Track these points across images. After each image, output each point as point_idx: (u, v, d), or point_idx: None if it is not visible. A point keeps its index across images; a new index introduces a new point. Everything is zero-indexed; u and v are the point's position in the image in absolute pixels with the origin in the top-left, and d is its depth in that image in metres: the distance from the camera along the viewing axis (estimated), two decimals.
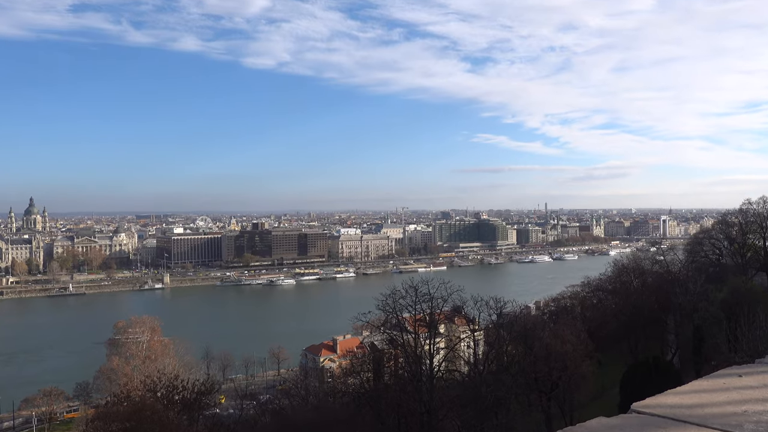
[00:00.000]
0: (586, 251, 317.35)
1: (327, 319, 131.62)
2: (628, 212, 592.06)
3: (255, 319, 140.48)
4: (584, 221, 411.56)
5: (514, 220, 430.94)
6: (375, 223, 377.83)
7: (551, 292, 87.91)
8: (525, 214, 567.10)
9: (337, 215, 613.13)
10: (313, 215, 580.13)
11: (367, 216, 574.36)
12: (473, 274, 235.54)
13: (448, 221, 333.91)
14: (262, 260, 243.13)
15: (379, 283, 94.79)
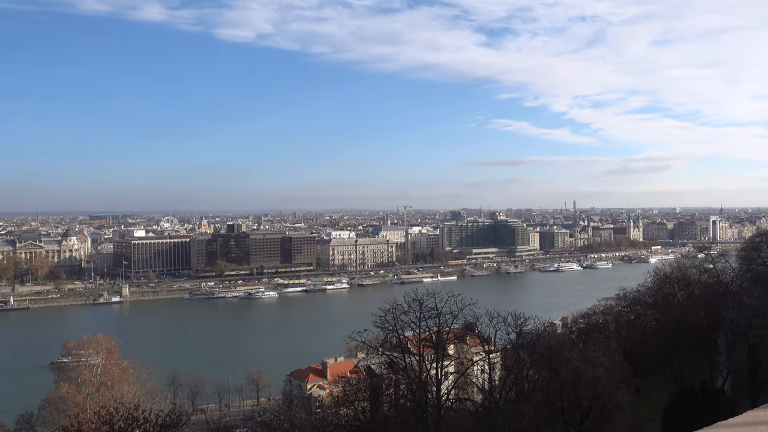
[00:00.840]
0: (622, 258, 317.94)
1: (315, 338, 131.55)
2: (671, 212, 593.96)
3: (230, 339, 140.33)
4: (619, 222, 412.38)
5: (537, 222, 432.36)
6: (372, 224, 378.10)
7: (580, 306, 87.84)
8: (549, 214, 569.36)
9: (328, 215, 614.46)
10: (299, 215, 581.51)
11: (363, 217, 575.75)
12: (488, 285, 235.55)
13: (459, 223, 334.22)
14: (239, 269, 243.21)
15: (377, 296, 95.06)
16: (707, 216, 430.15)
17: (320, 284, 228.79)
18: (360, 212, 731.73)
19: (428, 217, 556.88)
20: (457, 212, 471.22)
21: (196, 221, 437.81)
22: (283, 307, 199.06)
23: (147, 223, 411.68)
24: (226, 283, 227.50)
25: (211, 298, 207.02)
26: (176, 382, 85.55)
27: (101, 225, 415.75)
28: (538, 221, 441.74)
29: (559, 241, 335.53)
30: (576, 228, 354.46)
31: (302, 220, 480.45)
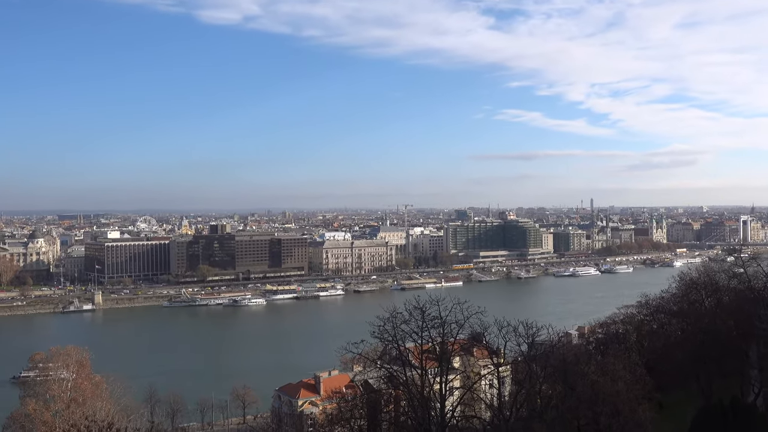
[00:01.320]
0: (644, 261, 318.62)
1: (307, 350, 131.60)
2: (697, 211, 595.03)
3: (214, 351, 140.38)
4: (641, 222, 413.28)
5: (551, 222, 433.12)
6: (369, 225, 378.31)
7: (598, 314, 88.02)
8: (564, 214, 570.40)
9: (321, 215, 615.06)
10: (289, 215, 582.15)
11: (360, 216, 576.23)
12: (497, 291, 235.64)
13: (465, 223, 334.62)
14: (223, 273, 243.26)
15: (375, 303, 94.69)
16: (737, 215, 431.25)
17: (312, 290, 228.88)
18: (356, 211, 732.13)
19: (431, 216, 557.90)
20: (462, 211, 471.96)
21: (175, 221, 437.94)
22: (271, 315, 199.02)
23: (122, 224, 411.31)
24: (209, 290, 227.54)
25: (192, 306, 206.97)
26: (154, 398, 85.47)
27: (71, 225, 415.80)
28: (551, 221, 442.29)
29: (575, 243, 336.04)
30: (593, 229, 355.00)
31: (293, 220, 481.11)
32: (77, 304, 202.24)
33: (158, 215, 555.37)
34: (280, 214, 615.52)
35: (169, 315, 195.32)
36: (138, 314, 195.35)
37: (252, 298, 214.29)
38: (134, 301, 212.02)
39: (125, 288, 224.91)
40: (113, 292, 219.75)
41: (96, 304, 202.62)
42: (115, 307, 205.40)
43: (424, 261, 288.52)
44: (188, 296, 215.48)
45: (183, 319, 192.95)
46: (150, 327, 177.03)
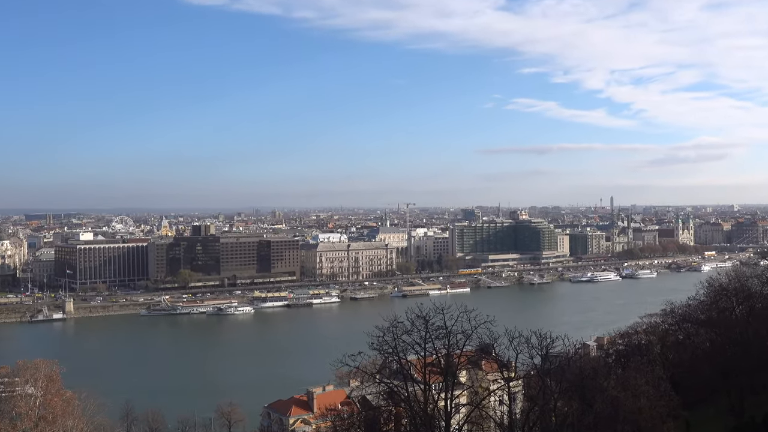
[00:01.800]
0: (669, 266, 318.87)
1: (299, 363, 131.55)
2: (727, 210, 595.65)
3: (196, 364, 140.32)
4: (666, 223, 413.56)
5: (567, 222, 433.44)
6: (368, 226, 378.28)
7: (619, 324, 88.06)
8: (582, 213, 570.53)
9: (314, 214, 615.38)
10: (280, 215, 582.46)
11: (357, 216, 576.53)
12: (508, 298, 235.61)
13: (472, 223, 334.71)
14: (207, 279, 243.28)
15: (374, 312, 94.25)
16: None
17: (305, 297, 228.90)
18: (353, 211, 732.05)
19: (435, 216, 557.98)
20: (470, 211, 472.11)
21: (154, 222, 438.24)
22: (260, 325, 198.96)
23: (95, 224, 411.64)
24: (192, 297, 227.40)
25: (173, 315, 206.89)
26: (131, 416, 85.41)
27: (40, 226, 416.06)
28: (567, 221, 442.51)
29: (594, 246, 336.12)
30: (613, 230, 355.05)
31: (283, 221, 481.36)
32: (46, 312, 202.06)
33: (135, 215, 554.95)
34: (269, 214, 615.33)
35: (147, 324, 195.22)
36: (113, 324, 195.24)
37: (238, 306, 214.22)
38: (109, 309, 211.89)
39: (99, 295, 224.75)
40: (86, 299, 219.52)
41: (67, 313, 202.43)
42: (88, 315, 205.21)
43: (427, 265, 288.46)
44: (168, 304, 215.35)
45: (163, 329, 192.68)
46: (126, 338, 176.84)
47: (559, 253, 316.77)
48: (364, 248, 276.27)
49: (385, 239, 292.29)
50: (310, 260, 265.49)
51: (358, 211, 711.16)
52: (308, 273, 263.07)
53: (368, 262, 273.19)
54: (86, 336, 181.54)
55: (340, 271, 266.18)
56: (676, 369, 52.45)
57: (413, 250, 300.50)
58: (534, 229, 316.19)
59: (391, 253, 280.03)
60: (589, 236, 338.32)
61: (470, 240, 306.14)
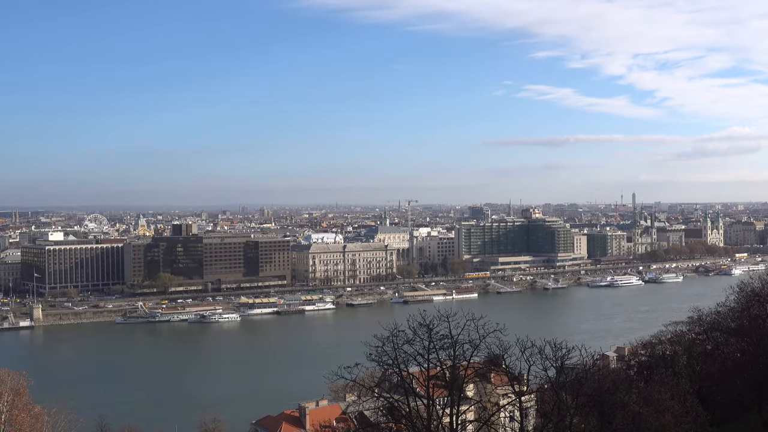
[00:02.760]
0: (696, 269, 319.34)
1: (290, 375, 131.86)
2: (761, 208, 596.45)
3: (177, 376, 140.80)
4: (693, 222, 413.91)
5: (584, 221, 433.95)
6: (366, 225, 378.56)
7: (641, 333, 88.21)
8: (601, 211, 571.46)
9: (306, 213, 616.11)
10: (269, 213, 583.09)
11: (354, 214, 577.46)
12: (520, 304, 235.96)
13: (481, 222, 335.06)
14: (188, 284, 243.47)
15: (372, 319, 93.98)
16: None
17: (296, 304, 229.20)
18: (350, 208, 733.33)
19: (440, 215, 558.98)
20: (478, 208, 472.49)
21: (131, 220, 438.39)
22: (247, 334, 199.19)
23: (66, 223, 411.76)
24: (172, 303, 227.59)
25: (151, 323, 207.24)
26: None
27: (5, 225, 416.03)
28: (585, 220, 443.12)
29: (614, 247, 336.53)
30: (635, 229, 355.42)
31: (272, 219, 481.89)
32: (12, 320, 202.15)
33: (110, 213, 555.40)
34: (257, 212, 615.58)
35: (123, 333, 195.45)
36: (86, 332, 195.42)
37: (223, 313, 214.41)
38: (81, 316, 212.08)
39: (70, 300, 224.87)
40: (56, 305, 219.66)
41: (35, 320, 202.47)
42: (58, 323, 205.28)
43: (431, 268, 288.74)
44: (146, 310, 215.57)
45: (140, 338, 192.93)
46: (100, 347, 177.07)
47: (576, 255, 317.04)
48: (361, 250, 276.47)
49: (385, 240, 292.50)
50: (302, 263, 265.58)
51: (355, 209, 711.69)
52: (300, 277, 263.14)
53: (366, 264, 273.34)
54: (56, 345, 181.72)
55: (335, 274, 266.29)
56: (704, 382, 52.47)
57: (415, 251, 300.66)
58: (548, 228, 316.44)
59: (391, 255, 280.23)
60: (608, 237, 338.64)
61: (478, 241, 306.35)
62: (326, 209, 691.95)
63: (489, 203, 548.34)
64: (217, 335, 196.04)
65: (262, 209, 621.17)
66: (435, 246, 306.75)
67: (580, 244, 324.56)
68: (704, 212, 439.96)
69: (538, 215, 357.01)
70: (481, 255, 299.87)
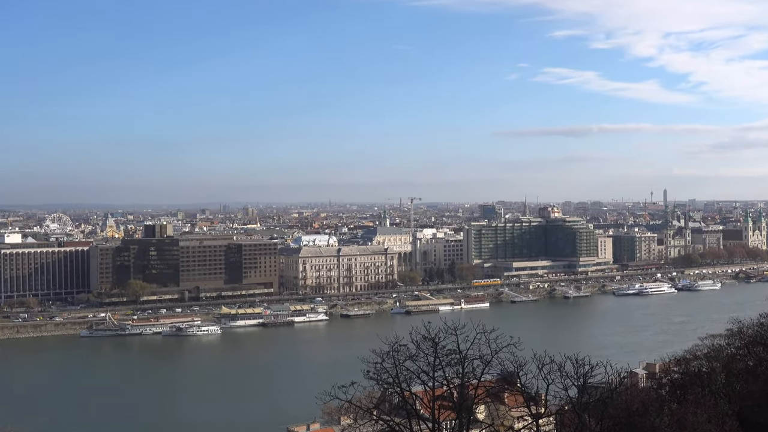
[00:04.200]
0: (736, 275, 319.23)
1: (278, 395, 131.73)
2: None
3: (150, 397, 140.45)
4: (732, 222, 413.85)
5: (609, 221, 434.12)
6: (363, 225, 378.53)
7: (674, 347, 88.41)
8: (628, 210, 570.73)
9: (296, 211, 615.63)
10: (253, 212, 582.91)
11: (350, 214, 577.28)
12: (536, 315, 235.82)
13: (493, 223, 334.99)
14: (163, 292, 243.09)
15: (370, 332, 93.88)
16: None
17: (285, 315, 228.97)
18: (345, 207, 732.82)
19: (447, 214, 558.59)
20: (489, 207, 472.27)
21: (97, 220, 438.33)
22: (229, 348, 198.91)
23: (24, 223, 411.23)
24: (145, 314, 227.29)
25: (120, 336, 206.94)
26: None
27: None
28: (610, 220, 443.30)
29: (643, 251, 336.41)
30: (667, 230, 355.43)
31: (258, 219, 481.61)
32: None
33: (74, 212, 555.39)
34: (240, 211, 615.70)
35: (89, 348, 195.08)
36: (47, 347, 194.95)
37: (202, 325, 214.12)
38: (41, 329, 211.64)
39: (29, 311, 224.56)
40: (11, 316, 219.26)
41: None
42: (15, 337, 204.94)
43: (436, 275, 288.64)
44: (115, 322, 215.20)
45: (108, 353, 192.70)
46: (63, 364, 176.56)
47: (600, 259, 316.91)
48: (358, 253, 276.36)
49: (384, 242, 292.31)
50: (291, 268, 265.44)
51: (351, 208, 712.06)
52: (289, 284, 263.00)
53: (363, 270, 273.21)
54: (12, 363, 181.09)
55: (329, 281, 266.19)
56: (745, 402, 52.38)
57: (419, 255, 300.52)
58: (568, 229, 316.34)
59: (391, 259, 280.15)
60: (637, 239, 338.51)
61: (490, 243, 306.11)
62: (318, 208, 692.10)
63: (502, 201, 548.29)
64: (196, 350, 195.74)
65: (246, 208, 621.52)
66: (441, 249, 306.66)
67: (605, 247, 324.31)
68: (745, 211, 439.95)
69: (558, 214, 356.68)
70: (493, 259, 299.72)
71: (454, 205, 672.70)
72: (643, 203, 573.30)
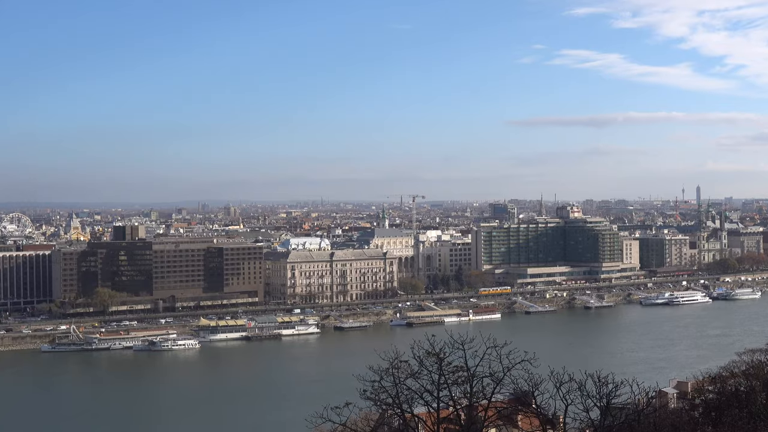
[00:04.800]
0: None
1: (264, 418, 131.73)
2: None
3: (119, 420, 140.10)
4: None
5: (636, 222, 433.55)
6: (359, 227, 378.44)
7: (709, 363, 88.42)
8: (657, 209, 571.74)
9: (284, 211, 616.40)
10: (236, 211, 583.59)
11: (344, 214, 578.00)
12: (554, 328, 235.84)
13: (504, 223, 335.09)
14: (134, 301, 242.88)
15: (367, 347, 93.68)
16: None
17: (271, 327, 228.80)
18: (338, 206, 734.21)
19: (453, 214, 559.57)
20: (500, 206, 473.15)
21: (61, 221, 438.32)
22: (209, 365, 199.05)
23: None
24: (113, 326, 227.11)
25: (87, 351, 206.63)
26: None
27: None
28: (637, 221, 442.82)
29: (673, 255, 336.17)
30: (701, 232, 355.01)
31: (241, 220, 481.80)
32: None
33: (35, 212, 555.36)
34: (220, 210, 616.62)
35: (50, 364, 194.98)
36: (2, 364, 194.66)
37: (178, 339, 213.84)
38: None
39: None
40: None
41: None
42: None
43: (441, 282, 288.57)
44: (80, 336, 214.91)
45: (72, 370, 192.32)
46: (21, 383, 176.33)
47: (625, 265, 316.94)
48: (353, 258, 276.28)
49: (383, 246, 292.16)
50: (278, 275, 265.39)
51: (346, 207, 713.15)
52: (275, 293, 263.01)
53: (359, 277, 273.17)
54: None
55: (320, 290, 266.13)
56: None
57: (422, 260, 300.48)
58: (590, 231, 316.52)
59: (390, 265, 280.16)
60: (666, 242, 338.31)
61: (501, 247, 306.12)
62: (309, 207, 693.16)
63: (515, 199, 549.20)
64: (171, 367, 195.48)
65: (228, 207, 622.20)
66: (447, 254, 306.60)
67: (631, 251, 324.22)
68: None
69: (578, 214, 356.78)
70: (506, 265, 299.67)
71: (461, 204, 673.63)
72: (673, 202, 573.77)
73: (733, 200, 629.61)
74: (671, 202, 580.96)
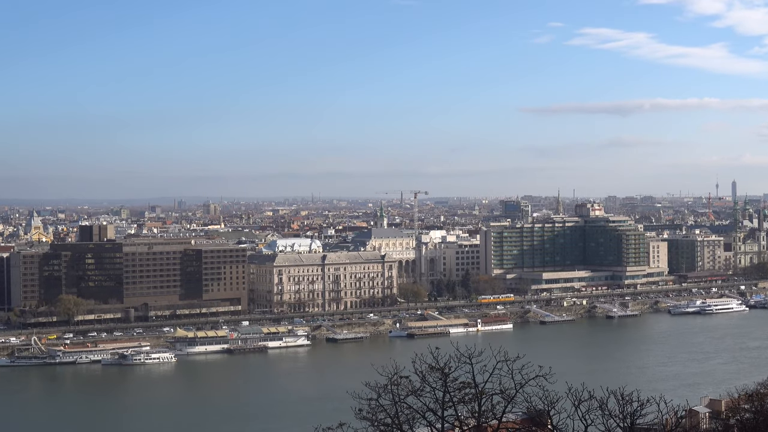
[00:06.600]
0: None
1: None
2: None
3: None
4: None
5: (664, 221, 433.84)
6: (354, 226, 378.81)
7: (745, 380, 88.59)
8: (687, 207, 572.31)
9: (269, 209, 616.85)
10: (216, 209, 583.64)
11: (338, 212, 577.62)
12: (572, 339, 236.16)
13: (517, 223, 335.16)
14: (103, 309, 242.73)
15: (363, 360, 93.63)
16: None
17: (256, 339, 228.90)
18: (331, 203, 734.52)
19: (460, 212, 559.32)
20: (513, 203, 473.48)
21: (20, 220, 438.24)
22: (186, 381, 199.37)
23: None
24: (79, 337, 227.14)
25: (50, 365, 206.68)
26: None
27: None
28: (665, 220, 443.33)
29: (706, 258, 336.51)
30: (736, 233, 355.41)
31: (222, 219, 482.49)
32: None
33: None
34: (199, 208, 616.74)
35: (8, 380, 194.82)
36: None
37: (152, 352, 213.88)
38: None
39: None
40: None
41: None
42: None
43: (446, 288, 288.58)
44: (43, 348, 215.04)
45: (33, 386, 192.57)
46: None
47: (652, 269, 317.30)
48: (347, 262, 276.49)
49: (382, 248, 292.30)
50: (263, 280, 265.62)
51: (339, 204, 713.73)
52: (261, 300, 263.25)
53: (354, 283, 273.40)
54: None
55: (311, 297, 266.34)
56: None
57: (425, 264, 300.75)
58: (613, 232, 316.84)
59: (389, 269, 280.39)
60: (697, 243, 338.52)
61: (514, 249, 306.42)
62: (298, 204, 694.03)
63: (529, 195, 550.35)
64: (144, 383, 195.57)
65: (208, 204, 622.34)
66: (452, 257, 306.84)
67: (658, 253, 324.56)
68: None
69: (599, 213, 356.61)
70: (518, 269, 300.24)
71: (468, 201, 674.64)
72: (706, 198, 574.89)
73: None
74: (704, 199, 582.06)
